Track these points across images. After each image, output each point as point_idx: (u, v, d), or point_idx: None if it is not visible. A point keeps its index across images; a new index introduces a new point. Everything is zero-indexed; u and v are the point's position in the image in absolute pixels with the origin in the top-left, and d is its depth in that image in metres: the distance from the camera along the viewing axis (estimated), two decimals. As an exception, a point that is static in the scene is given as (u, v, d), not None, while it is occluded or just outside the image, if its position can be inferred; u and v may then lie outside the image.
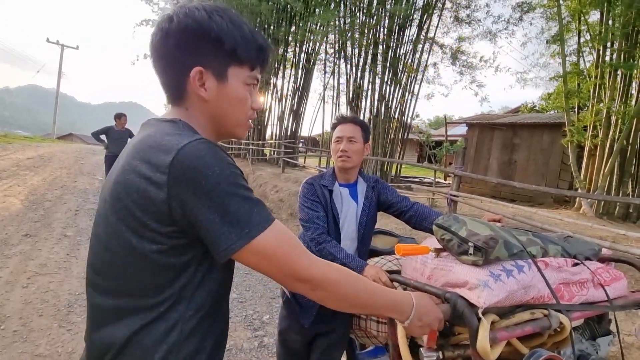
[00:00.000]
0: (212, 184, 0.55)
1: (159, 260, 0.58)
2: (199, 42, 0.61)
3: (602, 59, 7.47)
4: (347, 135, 1.47)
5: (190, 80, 0.63)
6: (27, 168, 8.29)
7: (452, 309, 0.88)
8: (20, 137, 16.96)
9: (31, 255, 3.73)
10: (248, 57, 0.65)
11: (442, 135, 16.01)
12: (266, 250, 0.57)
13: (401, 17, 9.27)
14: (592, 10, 7.92)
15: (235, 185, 0.57)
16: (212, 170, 0.55)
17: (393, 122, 10.07)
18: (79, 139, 29.26)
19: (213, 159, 0.56)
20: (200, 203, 0.54)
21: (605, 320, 1.19)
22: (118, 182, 0.59)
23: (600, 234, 4.26)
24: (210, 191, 0.55)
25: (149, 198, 0.55)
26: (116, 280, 0.61)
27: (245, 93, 0.67)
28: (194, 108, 0.66)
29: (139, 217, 0.56)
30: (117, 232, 0.59)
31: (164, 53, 0.63)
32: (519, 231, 1.09)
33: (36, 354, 2.20)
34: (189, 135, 0.59)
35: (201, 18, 0.61)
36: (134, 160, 0.58)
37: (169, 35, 0.61)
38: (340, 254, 1.31)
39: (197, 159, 0.55)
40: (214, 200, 0.55)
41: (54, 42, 23.72)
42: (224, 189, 0.55)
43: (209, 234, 0.55)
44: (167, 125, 0.62)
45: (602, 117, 7.25)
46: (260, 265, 0.58)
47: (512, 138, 10.74)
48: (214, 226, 0.55)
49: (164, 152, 0.56)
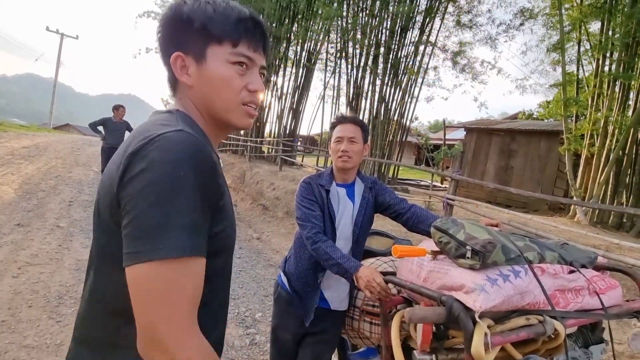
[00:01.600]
0: (156, 179, 0.47)
1: None
2: (175, 27, 0.61)
3: (602, 68, 7.53)
4: (348, 135, 1.47)
5: (174, 65, 0.62)
6: (22, 157, 8.20)
7: (447, 312, 0.87)
8: (16, 126, 16.78)
9: (23, 245, 3.69)
10: (225, 32, 0.60)
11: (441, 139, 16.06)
12: (161, 280, 0.46)
13: (403, 19, 9.27)
14: (593, 20, 7.97)
15: (183, 191, 0.48)
16: (166, 166, 0.48)
17: (392, 124, 10.08)
18: (76, 130, 29.05)
19: (177, 153, 0.49)
20: (137, 195, 0.48)
21: (598, 328, 1.19)
22: (106, 172, 0.59)
23: (594, 242, 4.29)
24: (148, 186, 0.47)
25: (113, 186, 0.52)
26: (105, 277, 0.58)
27: (230, 73, 0.61)
28: (185, 97, 0.65)
29: (111, 210, 0.54)
30: (104, 223, 0.57)
31: (160, 49, 0.65)
32: (516, 236, 1.09)
33: (24, 345, 2.17)
34: (175, 125, 0.55)
35: (177, 5, 0.61)
36: (121, 150, 0.57)
37: (158, 31, 0.64)
38: (335, 254, 1.30)
39: (161, 150, 0.49)
40: (149, 196, 0.47)
41: (53, 31, 23.50)
42: (168, 190, 0.47)
43: (125, 230, 0.49)
44: (163, 116, 0.61)
45: (599, 127, 7.30)
46: (139, 293, 0.47)
47: (510, 144, 10.80)
48: (134, 223, 0.48)
49: (139, 140, 0.52)
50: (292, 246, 1.56)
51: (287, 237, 5.37)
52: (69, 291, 2.90)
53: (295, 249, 1.53)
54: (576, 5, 7.98)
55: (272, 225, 6.12)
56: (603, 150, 7.11)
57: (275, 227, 5.99)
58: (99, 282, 0.59)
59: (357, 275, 1.23)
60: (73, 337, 0.62)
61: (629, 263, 3.03)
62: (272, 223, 6.22)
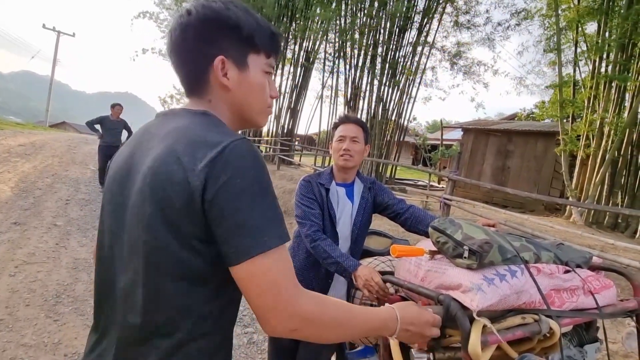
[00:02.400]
0: (247, 184, 0.55)
1: (189, 260, 0.56)
2: (219, 31, 0.63)
3: (598, 70, 7.58)
4: (350, 135, 1.48)
5: (214, 70, 0.63)
6: (18, 155, 8.14)
7: (445, 311, 0.88)
8: (12, 124, 16.65)
9: (20, 243, 3.67)
10: (264, 45, 0.67)
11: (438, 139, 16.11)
12: (271, 267, 0.54)
13: (402, 19, 9.29)
14: (589, 21, 8.03)
15: (267, 192, 0.57)
16: (249, 171, 0.55)
17: (390, 124, 10.11)
18: (72, 128, 28.83)
19: (253, 160, 0.57)
20: (229, 199, 0.54)
21: (593, 327, 1.21)
22: (160, 171, 0.56)
23: (590, 242, 4.33)
24: (242, 191, 0.54)
25: (190, 190, 0.54)
26: (144, 291, 0.57)
27: (264, 80, 0.69)
28: (217, 99, 0.66)
29: (179, 208, 0.55)
30: (153, 223, 0.56)
31: (184, 46, 0.63)
32: (512, 237, 1.10)
33: (22, 344, 2.16)
34: (231, 132, 0.60)
35: (219, 8, 0.62)
36: (176, 151, 0.57)
37: (188, 28, 0.62)
38: (334, 253, 1.31)
39: (239, 158, 0.55)
40: (243, 200, 0.54)
41: (50, 29, 23.32)
42: (256, 192, 0.55)
43: (227, 232, 0.54)
44: (203, 119, 0.62)
45: (595, 128, 7.36)
46: (255, 284, 0.54)
47: (507, 144, 10.85)
48: (234, 226, 0.53)
49: (209, 147, 0.55)
50: (290, 245, 1.56)
51: (285, 237, 5.36)
52: (67, 290, 2.89)
53: (293, 248, 1.54)
54: (573, 7, 8.03)
55: (270, 224, 6.11)
56: (599, 151, 7.17)
57: (273, 226, 5.99)
58: (152, 297, 0.58)
59: (356, 274, 1.24)
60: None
61: (624, 263, 3.06)
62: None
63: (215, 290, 0.59)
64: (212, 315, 0.59)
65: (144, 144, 0.64)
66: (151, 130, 0.66)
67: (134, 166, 0.62)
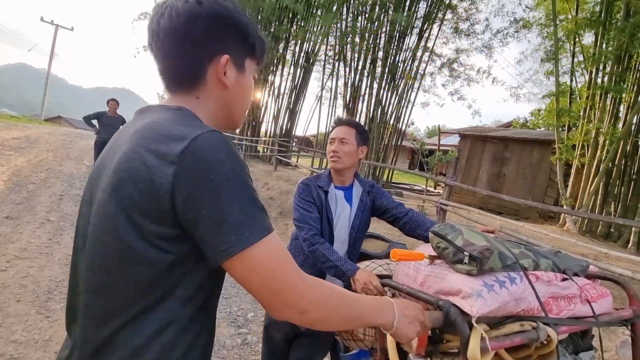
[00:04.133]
0: (222, 179, 0.52)
1: (153, 256, 0.54)
2: (228, 30, 0.63)
3: (594, 80, 7.68)
4: (339, 136, 1.49)
5: (216, 67, 0.63)
6: (12, 148, 8.04)
7: (444, 316, 0.88)
8: (6, 117, 16.45)
9: (11, 238, 3.62)
10: (259, 52, 0.70)
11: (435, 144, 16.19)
12: (261, 260, 0.53)
13: (402, 25, 9.35)
14: (586, 32, 8.14)
15: (244, 185, 0.54)
16: (223, 165, 0.53)
17: (388, 128, 10.15)
18: (68, 123, 28.55)
19: (226, 153, 0.54)
20: (204, 197, 0.51)
21: (588, 335, 1.21)
22: (121, 169, 0.55)
23: (583, 250, 4.37)
24: (218, 186, 0.52)
25: (154, 188, 0.52)
26: (108, 276, 0.56)
27: (252, 85, 0.71)
28: (208, 96, 0.64)
29: (141, 207, 0.53)
30: (114, 223, 0.55)
31: (187, 36, 0.60)
32: (511, 243, 1.11)
33: (12, 340, 2.13)
34: (201, 125, 0.57)
35: (231, 8, 0.63)
36: (139, 148, 0.55)
37: (197, 19, 0.60)
38: (332, 256, 1.31)
39: (209, 151, 0.53)
40: (220, 196, 0.52)
41: (48, 22, 23.12)
42: (233, 187, 0.53)
43: (207, 232, 0.52)
44: (174, 114, 0.59)
45: (590, 138, 7.44)
46: (249, 278, 0.54)
47: (503, 151, 10.93)
48: (213, 224, 0.51)
49: (175, 141, 0.53)
50: (287, 247, 1.56)
51: (281, 237, 5.33)
52: (59, 286, 2.85)
53: (289, 250, 1.53)
54: (571, 18, 8.14)
55: (266, 225, 6.09)
56: (593, 160, 7.25)
57: (269, 227, 5.97)
58: (109, 282, 0.57)
59: (355, 278, 1.24)
60: None
61: (616, 272, 3.09)
62: (265, 223, 6.18)
63: (172, 290, 0.56)
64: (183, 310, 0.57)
65: (117, 142, 0.62)
66: (125, 128, 0.64)
67: (104, 165, 0.60)
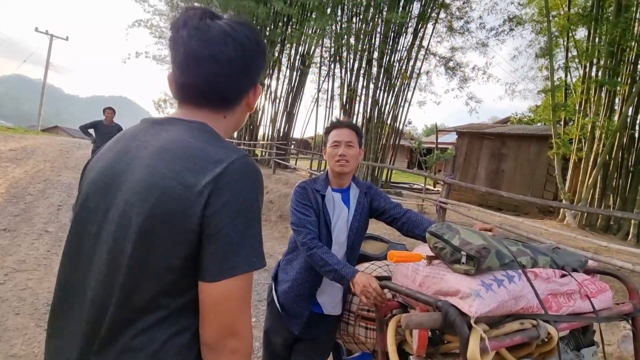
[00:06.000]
0: (249, 204, 0.58)
1: (175, 274, 0.57)
2: (262, 63, 0.70)
3: (589, 75, 7.71)
4: (345, 139, 1.47)
5: (254, 95, 0.70)
6: (9, 160, 8.02)
7: (443, 317, 0.88)
8: (2, 128, 16.41)
9: (9, 250, 3.60)
10: None
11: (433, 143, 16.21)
12: (246, 287, 0.57)
13: (397, 25, 9.38)
14: (579, 27, 8.18)
15: (259, 213, 0.60)
16: (251, 192, 0.59)
17: (385, 128, 10.16)
18: (65, 132, 28.51)
19: (255, 180, 0.60)
20: (230, 217, 0.55)
21: (589, 331, 1.21)
22: (155, 187, 0.56)
23: (583, 245, 4.37)
24: (244, 210, 0.57)
25: (190, 207, 0.55)
26: (129, 288, 0.57)
27: None
28: (233, 116, 0.70)
29: (174, 224, 0.55)
30: (144, 239, 0.55)
31: (246, 67, 0.66)
32: (509, 241, 1.10)
33: (11, 354, 2.11)
34: (232, 147, 0.62)
35: (262, 41, 0.70)
36: (175, 166, 0.57)
37: (255, 55, 0.67)
38: (331, 260, 1.30)
39: (244, 177, 0.58)
40: (243, 220, 0.56)
41: (42, 32, 23.13)
42: (255, 214, 0.58)
43: (221, 249, 0.55)
44: (201, 133, 0.62)
45: (587, 131, 7.46)
46: (227, 300, 0.56)
47: (501, 148, 10.95)
48: (230, 243, 0.55)
49: (212, 163, 0.57)
50: (286, 251, 1.55)
51: (280, 241, 5.34)
52: (58, 298, 2.83)
53: (289, 255, 1.52)
54: (563, 13, 8.18)
55: (266, 229, 6.09)
56: (591, 154, 7.26)
57: (269, 230, 5.96)
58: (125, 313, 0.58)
59: (354, 281, 1.23)
60: None
61: (617, 265, 3.09)
62: (265, 227, 6.18)
63: (190, 301, 0.59)
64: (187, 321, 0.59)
65: (132, 152, 0.62)
66: (140, 137, 0.64)
67: (121, 174, 0.60)
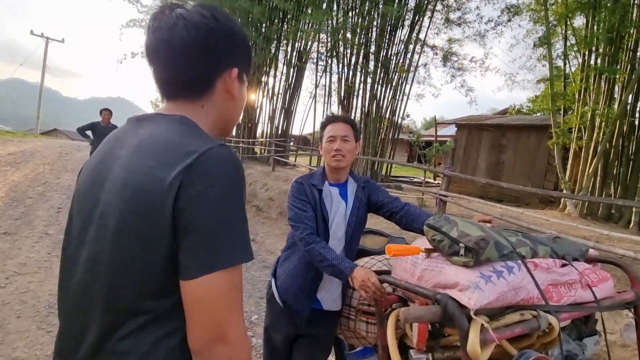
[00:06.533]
0: (222, 195, 0.53)
1: (162, 273, 0.54)
2: (239, 45, 0.67)
3: (588, 63, 7.64)
4: (340, 134, 1.46)
5: (229, 78, 0.66)
6: (8, 164, 8.01)
7: (442, 310, 0.87)
8: (1, 132, 16.40)
9: (10, 254, 3.60)
10: (251, 67, 0.75)
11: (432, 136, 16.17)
12: (230, 284, 0.53)
13: (393, 18, 9.29)
14: (577, 14, 8.09)
15: (239, 207, 0.55)
16: (227, 181, 0.54)
17: (384, 122, 10.11)
18: (64, 135, 28.45)
19: (232, 168, 0.55)
20: (202, 209, 0.52)
21: (591, 320, 1.20)
22: (132, 185, 0.54)
23: (585, 234, 4.36)
24: (216, 201, 0.52)
25: (163, 201, 0.52)
26: (117, 287, 0.56)
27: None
28: (212, 105, 0.66)
29: (154, 222, 0.53)
30: (128, 239, 0.54)
31: (205, 48, 0.62)
32: (508, 232, 1.09)
33: (13, 357, 2.11)
34: (210, 139, 0.59)
35: (239, 25, 0.68)
36: (150, 162, 0.55)
37: (216, 33, 0.63)
38: (329, 255, 1.29)
39: (216, 166, 0.54)
40: (216, 212, 0.52)
41: (38, 35, 23.01)
42: (230, 204, 0.54)
43: (195, 243, 0.52)
44: (179, 126, 0.60)
45: (586, 120, 7.41)
46: (209, 298, 0.52)
47: (500, 139, 10.91)
48: (204, 237, 0.52)
49: (185, 154, 0.54)
50: (285, 247, 1.54)
51: (281, 238, 5.34)
52: (60, 300, 2.84)
53: (287, 251, 1.51)
54: (561, 1, 8.09)
55: (266, 226, 6.09)
56: (591, 143, 7.23)
57: (270, 228, 5.96)
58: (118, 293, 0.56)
59: (352, 276, 1.22)
60: None
61: (619, 253, 3.08)
62: (266, 224, 6.18)
63: (179, 302, 0.56)
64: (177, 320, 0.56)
65: (114, 151, 0.61)
66: (122, 136, 0.64)
67: (104, 174, 0.59)
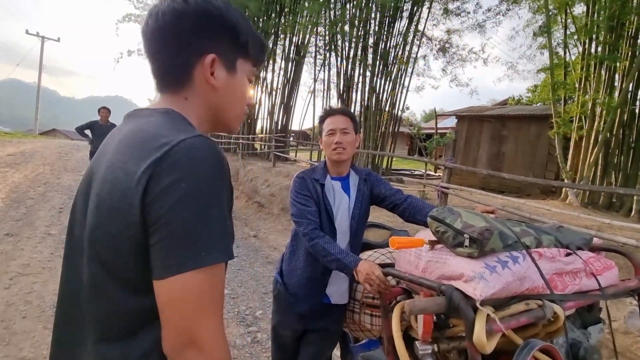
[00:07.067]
0: (195, 188, 0.48)
1: (143, 274, 0.50)
2: (216, 29, 0.60)
3: (588, 51, 7.57)
4: (340, 127, 1.44)
5: (203, 67, 0.59)
6: (8, 165, 8.01)
7: (447, 301, 0.87)
8: (0, 133, 16.38)
9: (13, 255, 3.61)
10: (254, 53, 0.67)
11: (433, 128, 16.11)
12: (203, 286, 0.48)
13: (391, 9, 9.20)
14: (577, 2, 8.00)
15: (216, 201, 0.50)
16: (201, 173, 0.49)
17: (384, 115, 10.07)
18: (63, 135, 28.41)
19: (208, 160, 0.50)
20: (169, 205, 0.47)
21: (595, 308, 1.20)
22: (106, 180, 0.53)
23: (586, 223, 4.35)
24: (187, 195, 0.47)
25: (131, 197, 0.49)
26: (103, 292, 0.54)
27: (247, 87, 0.68)
28: (196, 97, 0.61)
29: (125, 220, 0.50)
30: (104, 238, 0.52)
31: (174, 34, 0.58)
32: (512, 222, 1.09)
33: (20, 357, 2.13)
34: (188, 130, 0.54)
35: (220, 6, 0.60)
36: (124, 156, 0.52)
37: (184, 17, 0.58)
38: (333, 250, 1.29)
39: (190, 157, 0.49)
40: (187, 206, 0.47)
41: (33, 34, 22.86)
42: (208, 199, 0.49)
43: (162, 241, 0.48)
44: (161, 118, 0.57)
45: (587, 109, 7.37)
46: (180, 300, 0.47)
47: (501, 130, 10.87)
48: (171, 235, 0.47)
49: (156, 147, 0.50)
50: (289, 243, 1.54)
51: (283, 234, 5.35)
52: (64, 299, 2.85)
53: (291, 246, 1.51)
54: (561, -11, 7.99)
55: (269, 222, 6.10)
56: (592, 132, 7.19)
57: (272, 223, 5.97)
58: (107, 309, 0.54)
59: (357, 269, 1.22)
60: None
61: (621, 242, 3.08)
62: (268, 220, 6.19)
63: None
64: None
65: (105, 149, 0.61)
66: (114, 133, 0.63)
67: (94, 173, 0.58)
